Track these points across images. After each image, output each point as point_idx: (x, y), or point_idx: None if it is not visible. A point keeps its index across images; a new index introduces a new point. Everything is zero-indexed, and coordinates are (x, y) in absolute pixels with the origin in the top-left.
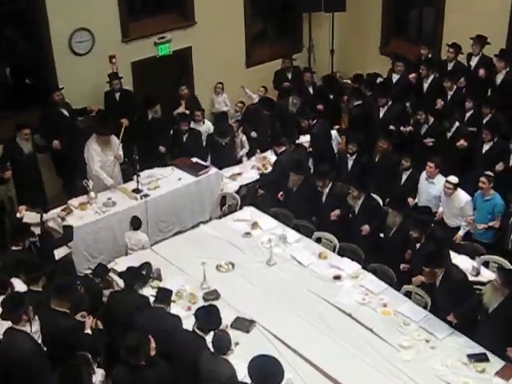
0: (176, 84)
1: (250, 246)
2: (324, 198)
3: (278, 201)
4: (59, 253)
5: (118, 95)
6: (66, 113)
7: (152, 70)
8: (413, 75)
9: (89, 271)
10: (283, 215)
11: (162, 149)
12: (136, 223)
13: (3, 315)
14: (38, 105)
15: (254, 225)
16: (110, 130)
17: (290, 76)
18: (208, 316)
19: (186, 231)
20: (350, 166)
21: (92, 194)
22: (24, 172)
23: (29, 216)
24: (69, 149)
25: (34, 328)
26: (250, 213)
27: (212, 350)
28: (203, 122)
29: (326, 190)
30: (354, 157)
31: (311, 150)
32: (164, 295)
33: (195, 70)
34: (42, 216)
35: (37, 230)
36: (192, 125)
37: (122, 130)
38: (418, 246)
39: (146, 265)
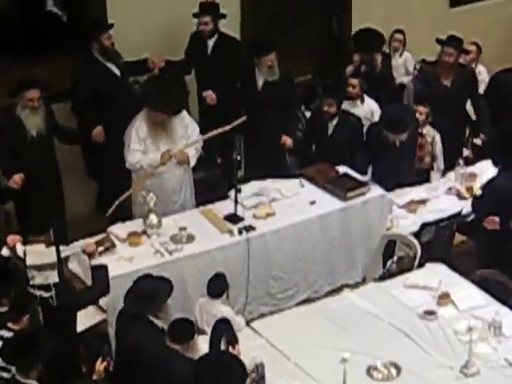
0: (319, 30)
1: (433, 337)
2: None
3: (490, 233)
4: (83, 320)
5: (211, 44)
6: (116, 71)
7: (276, 4)
8: None
9: None
10: (499, 284)
11: (288, 141)
12: (216, 286)
13: None
14: (69, 51)
15: (444, 298)
16: (175, 103)
17: None
18: None
19: (318, 300)
20: None
21: (153, 217)
22: (29, 169)
23: (34, 252)
24: (114, 133)
25: None
26: (437, 275)
27: None
28: (361, 100)
29: None
30: None
31: None
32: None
33: (354, 8)
34: (58, 250)
35: (52, 277)
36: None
37: (237, 121)
38: None
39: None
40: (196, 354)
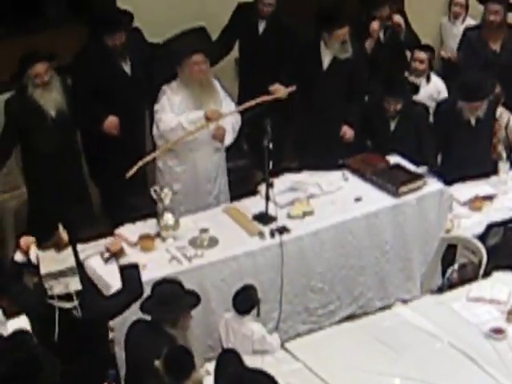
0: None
1: (501, 360)
2: None
3: None
4: None
5: (262, 25)
6: (126, 68)
7: None
8: None
9: None
10: None
11: (349, 132)
12: (244, 301)
13: None
14: (71, 20)
15: None
16: (209, 44)
17: None
18: None
19: (364, 316)
20: None
21: (168, 217)
22: (48, 158)
23: (46, 259)
24: (124, 111)
25: None
26: (506, 286)
27: None
28: (428, 78)
29: None
30: None
31: None
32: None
33: None
34: (76, 252)
35: (73, 284)
36: None
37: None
38: None
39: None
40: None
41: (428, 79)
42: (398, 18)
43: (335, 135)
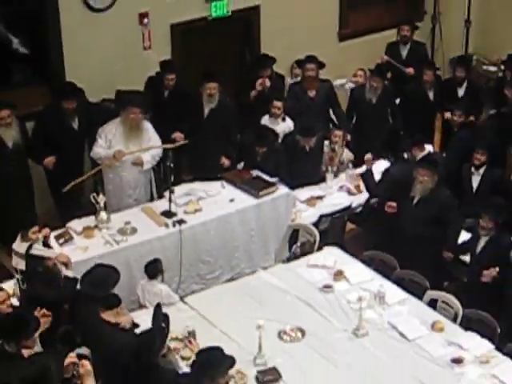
0: (236, 60)
1: (331, 306)
2: (479, 248)
3: (387, 216)
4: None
5: (166, 93)
6: (75, 126)
7: (200, 37)
8: None
9: None
10: (382, 262)
11: (226, 162)
12: (151, 269)
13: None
14: (25, 79)
15: (339, 274)
16: (145, 102)
17: (404, 52)
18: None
19: (239, 279)
20: (475, 185)
21: (103, 214)
22: (6, 174)
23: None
24: (71, 153)
25: None
26: (332, 256)
27: None
28: (283, 119)
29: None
30: (481, 171)
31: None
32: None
33: (264, 41)
34: (30, 246)
35: (20, 264)
36: (266, 121)
37: (177, 143)
38: None
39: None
40: (125, 318)
41: (284, 119)
42: (265, 81)
43: (217, 164)
